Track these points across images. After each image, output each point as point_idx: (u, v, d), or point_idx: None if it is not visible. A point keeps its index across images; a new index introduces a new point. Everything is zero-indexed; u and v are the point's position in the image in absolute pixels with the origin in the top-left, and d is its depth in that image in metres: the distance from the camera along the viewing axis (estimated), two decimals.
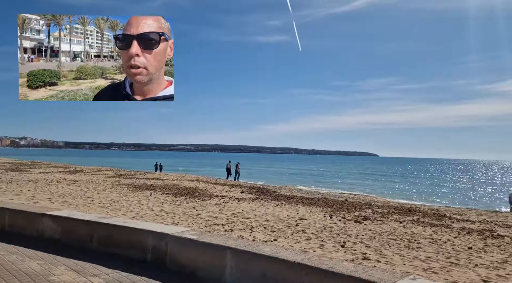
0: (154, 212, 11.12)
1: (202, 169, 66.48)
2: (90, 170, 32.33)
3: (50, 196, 14.60)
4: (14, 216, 6.47)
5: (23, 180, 21.40)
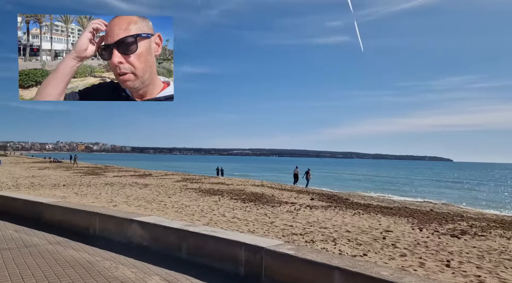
0: (227, 218, 11.00)
1: (262, 173, 66.59)
2: (158, 174, 33.63)
3: (126, 199, 15.18)
4: (104, 221, 6.58)
5: (100, 183, 22.70)
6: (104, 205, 13.21)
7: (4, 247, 5.87)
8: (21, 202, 8.38)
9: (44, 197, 14.75)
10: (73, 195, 16.37)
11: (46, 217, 7.73)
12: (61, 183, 22.20)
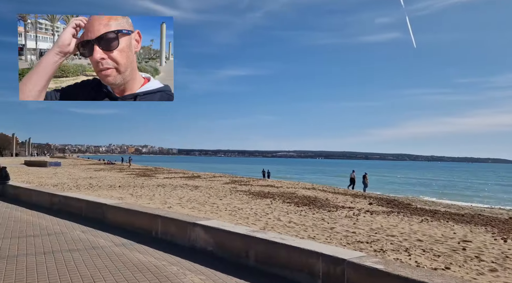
0: (283, 223, 10.63)
1: (310, 176, 65.54)
2: (206, 176, 34.02)
3: (179, 201, 15.30)
4: (166, 224, 6.46)
5: (152, 184, 23.24)
6: (159, 206, 13.35)
7: (74, 248, 5.89)
8: (85, 203, 8.54)
9: (103, 197, 15.24)
10: (129, 196, 16.79)
11: (109, 218, 7.79)
12: (117, 184, 22.99)
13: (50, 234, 6.87)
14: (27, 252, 5.66)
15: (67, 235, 6.81)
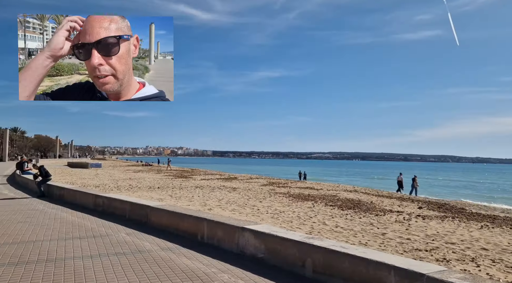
0: (330, 227, 10.10)
1: (348, 178, 64.08)
2: (243, 178, 33.85)
3: (218, 203, 15.10)
4: (213, 228, 6.16)
5: (190, 186, 23.30)
6: (199, 208, 13.19)
7: (120, 251, 5.71)
8: (129, 205, 8.44)
9: (145, 199, 15.33)
10: (168, 197, 16.80)
11: (153, 220, 7.62)
12: (156, 185, 23.22)
13: (96, 236, 6.77)
14: (74, 255, 5.53)
15: (112, 237, 6.68)
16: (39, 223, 7.96)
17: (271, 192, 20.18)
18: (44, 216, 8.91)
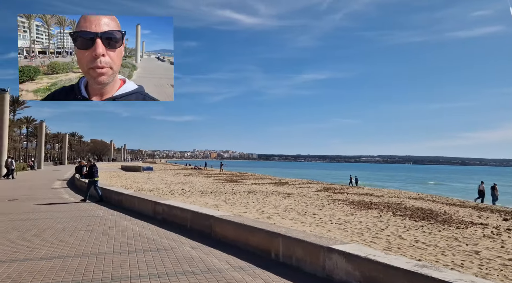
0: (409, 242, 8.95)
1: (404, 184, 60.80)
2: (294, 183, 32.88)
3: (276, 210, 14.32)
4: (290, 245, 5.37)
5: (242, 191, 22.75)
6: (257, 217, 12.49)
7: (188, 270, 5.08)
8: (191, 214, 7.89)
9: (198, 204, 14.93)
10: (223, 203, 16.30)
11: (218, 232, 6.97)
12: (208, 190, 22.93)
13: (160, 249, 6.22)
14: (140, 272, 4.96)
15: (177, 252, 6.09)
16: (101, 232, 7.62)
17: (328, 199, 19.09)
18: (105, 224, 8.61)
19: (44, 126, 51.01)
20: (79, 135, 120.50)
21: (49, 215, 9.90)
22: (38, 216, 9.62)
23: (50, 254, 5.84)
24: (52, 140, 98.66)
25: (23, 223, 8.54)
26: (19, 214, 9.96)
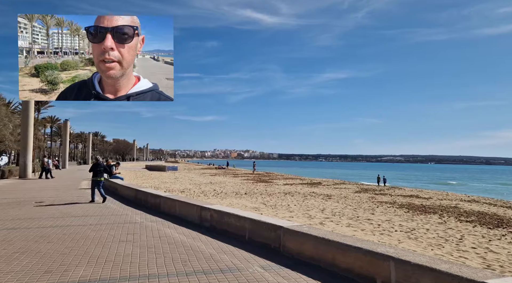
0: (506, 257, 7.40)
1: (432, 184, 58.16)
2: (327, 183, 31.31)
3: (324, 214, 12.91)
4: (409, 273, 3.96)
5: (277, 192, 21.39)
6: (309, 223, 11.12)
7: None
8: (249, 223, 6.57)
9: (239, 207, 13.65)
10: (262, 206, 14.99)
11: (291, 247, 5.62)
12: (240, 191, 21.69)
13: (224, 270, 4.92)
14: None
15: (247, 274, 4.78)
16: (145, 244, 6.40)
17: (374, 201, 17.54)
18: (147, 232, 7.41)
19: (68, 125, 50.97)
20: (101, 135, 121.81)
21: (81, 220, 8.80)
22: (69, 222, 8.52)
23: (89, 276, 4.62)
24: (76, 140, 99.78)
25: (54, 231, 7.43)
26: (48, 219, 8.90)
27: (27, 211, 10.32)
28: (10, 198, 13.53)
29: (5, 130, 29.10)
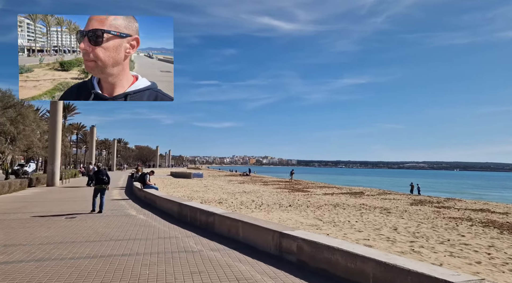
0: None
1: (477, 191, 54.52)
2: (371, 193, 28.90)
3: (400, 235, 10.75)
4: None
5: (323, 203, 19.25)
6: (395, 250, 9.01)
7: None
8: (374, 266, 4.54)
9: (292, 224, 11.62)
10: (320, 223, 12.90)
11: None
12: (283, 202, 19.65)
13: None
14: None
15: None
16: None
17: (444, 217, 15.22)
18: (216, 270, 5.49)
19: (95, 131, 50.28)
20: (124, 142, 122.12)
21: (124, 247, 6.98)
22: (110, 250, 6.70)
23: None
24: (100, 146, 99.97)
25: (93, 265, 5.60)
26: (83, 245, 7.11)
27: (57, 231, 8.61)
28: (37, 212, 11.95)
29: (33, 136, 28.05)
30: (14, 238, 7.75)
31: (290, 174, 48.45)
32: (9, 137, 24.98)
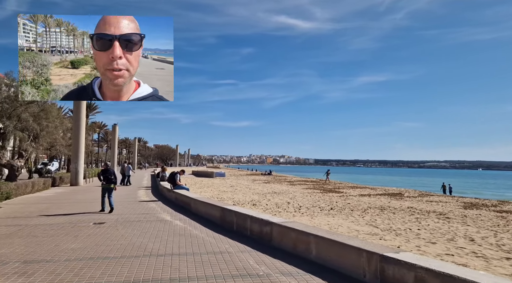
0: None
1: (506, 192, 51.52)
2: (410, 194, 26.95)
3: (486, 249, 9.07)
4: None
5: (366, 206, 17.56)
6: (505, 272, 7.34)
7: None
8: None
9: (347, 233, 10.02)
10: (378, 231, 11.27)
11: None
12: (320, 204, 18.05)
13: None
14: None
15: None
16: None
17: None
18: None
19: (117, 130, 49.64)
20: (144, 141, 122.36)
21: (172, 266, 5.58)
22: (155, 272, 5.29)
23: None
24: (120, 145, 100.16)
25: None
26: (119, 262, 5.74)
27: (86, 241, 7.30)
28: (62, 215, 10.75)
29: (56, 134, 27.23)
30: (36, 251, 6.46)
31: (325, 174, 45.62)
32: (32, 135, 24.13)
